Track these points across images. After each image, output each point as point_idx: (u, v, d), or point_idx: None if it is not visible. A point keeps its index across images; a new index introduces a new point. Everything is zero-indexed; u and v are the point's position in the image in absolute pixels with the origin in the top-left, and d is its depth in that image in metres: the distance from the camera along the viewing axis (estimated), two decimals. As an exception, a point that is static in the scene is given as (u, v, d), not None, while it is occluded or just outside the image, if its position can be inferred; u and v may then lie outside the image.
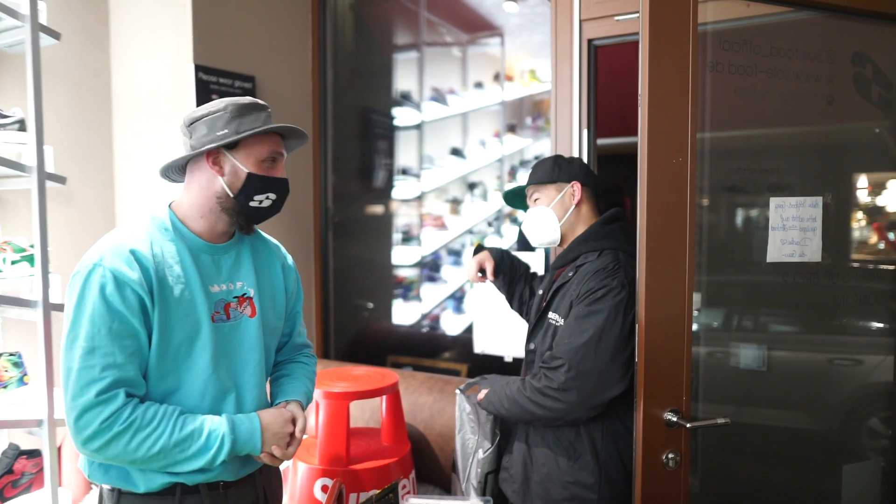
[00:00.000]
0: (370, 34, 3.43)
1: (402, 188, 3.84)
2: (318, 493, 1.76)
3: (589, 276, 1.58)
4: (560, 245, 1.75)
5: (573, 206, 1.70)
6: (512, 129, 3.81)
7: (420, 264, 3.52)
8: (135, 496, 1.26)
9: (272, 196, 1.34)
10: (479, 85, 3.98)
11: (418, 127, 3.83)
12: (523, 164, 3.39)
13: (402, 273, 3.49)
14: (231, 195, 1.31)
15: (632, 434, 1.59)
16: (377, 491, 1.30)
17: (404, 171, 3.90)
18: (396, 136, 3.66)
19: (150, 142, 2.55)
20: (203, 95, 2.41)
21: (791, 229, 1.64)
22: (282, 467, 2.06)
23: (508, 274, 1.97)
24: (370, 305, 3.37)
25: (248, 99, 1.33)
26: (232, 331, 1.34)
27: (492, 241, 3.68)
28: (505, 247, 2.71)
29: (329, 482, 1.75)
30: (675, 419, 1.55)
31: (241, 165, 1.30)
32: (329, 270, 3.18)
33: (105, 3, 2.57)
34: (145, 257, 1.23)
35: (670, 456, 1.56)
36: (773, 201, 1.63)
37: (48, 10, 2.11)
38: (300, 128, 1.37)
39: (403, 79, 3.72)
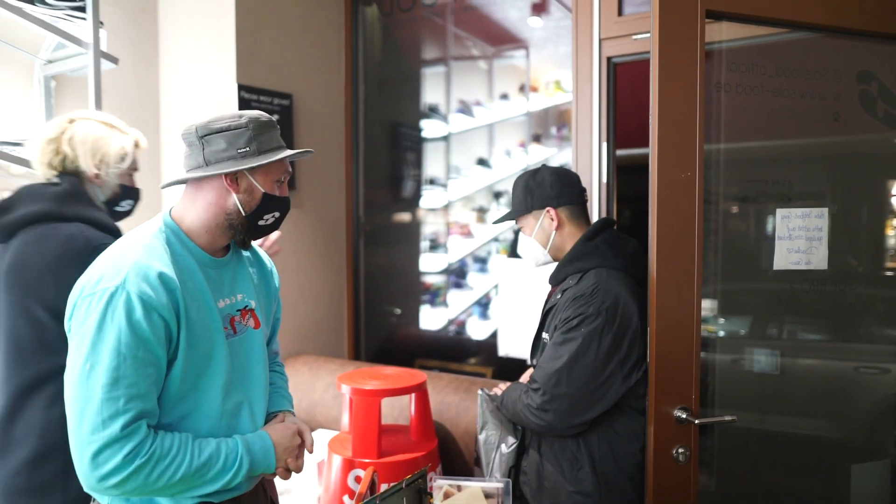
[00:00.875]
0: (399, 50, 3.58)
1: (429, 198, 3.97)
2: (352, 483, 1.90)
3: (568, 303, 1.62)
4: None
5: (554, 231, 1.72)
6: (537, 138, 3.92)
7: (447, 271, 3.64)
8: None
9: (277, 214, 1.34)
10: (504, 96, 4.10)
11: (445, 138, 3.96)
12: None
13: (430, 280, 3.61)
14: (243, 214, 1.28)
15: (625, 438, 1.67)
16: (408, 477, 1.42)
17: (432, 181, 4.03)
18: (424, 147, 3.80)
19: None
20: (245, 113, 2.58)
21: (797, 238, 1.72)
22: (310, 463, 2.20)
23: None
24: (398, 311, 3.50)
25: (265, 116, 1.29)
26: (241, 345, 1.32)
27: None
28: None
29: (361, 473, 1.89)
30: (684, 416, 1.65)
31: (258, 185, 1.28)
32: (360, 277, 3.32)
33: (156, 27, 2.77)
34: (171, 279, 1.18)
35: (680, 451, 1.66)
36: (780, 212, 1.72)
37: (107, 36, 2.31)
38: (312, 150, 1.39)
39: (431, 92, 3.86)
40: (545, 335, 1.70)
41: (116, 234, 1.55)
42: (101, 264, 1.18)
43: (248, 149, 1.23)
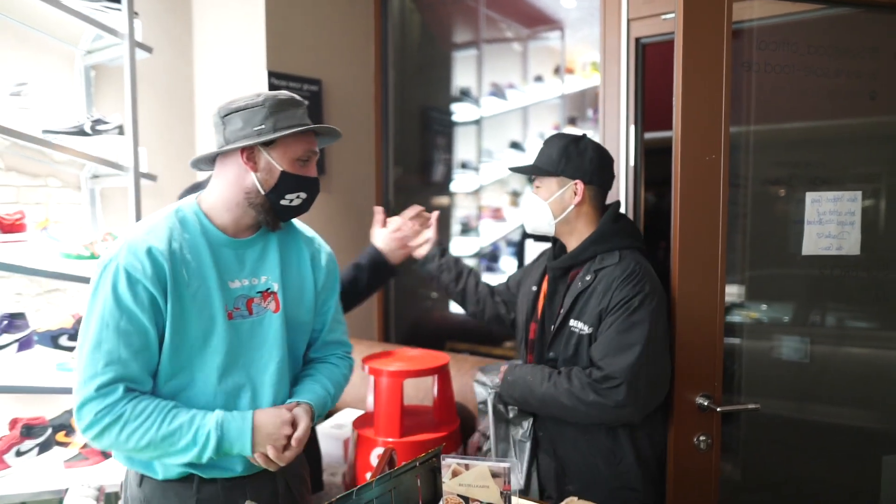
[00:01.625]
0: (430, 34, 3.57)
1: (461, 181, 3.98)
2: (374, 461, 1.95)
3: (617, 284, 1.53)
4: (558, 240, 1.71)
5: (572, 206, 1.62)
6: (573, 121, 3.87)
7: (478, 255, 3.66)
8: (155, 482, 1.28)
9: (303, 195, 1.31)
10: (539, 79, 4.06)
11: (477, 122, 3.95)
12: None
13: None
14: (262, 192, 1.28)
15: (662, 424, 1.64)
16: (422, 455, 1.45)
17: (463, 165, 4.04)
18: (455, 131, 3.80)
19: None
20: (275, 99, 2.62)
21: (828, 223, 1.67)
22: (338, 441, 2.26)
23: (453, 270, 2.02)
24: (434, 295, 3.53)
25: (285, 94, 1.28)
26: (253, 327, 1.31)
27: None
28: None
29: (381, 451, 1.93)
30: (706, 403, 1.63)
31: (276, 163, 1.27)
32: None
33: (189, 16, 2.84)
34: (161, 253, 1.21)
35: (702, 438, 1.64)
36: (809, 196, 1.67)
37: (141, 26, 2.38)
38: (334, 128, 1.35)
39: (463, 75, 3.85)
40: (575, 322, 1.59)
41: None
42: (118, 239, 1.25)
43: (263, 126, 1.23)
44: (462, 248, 3.63)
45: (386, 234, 2.01)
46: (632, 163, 2.39)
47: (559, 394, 1.55)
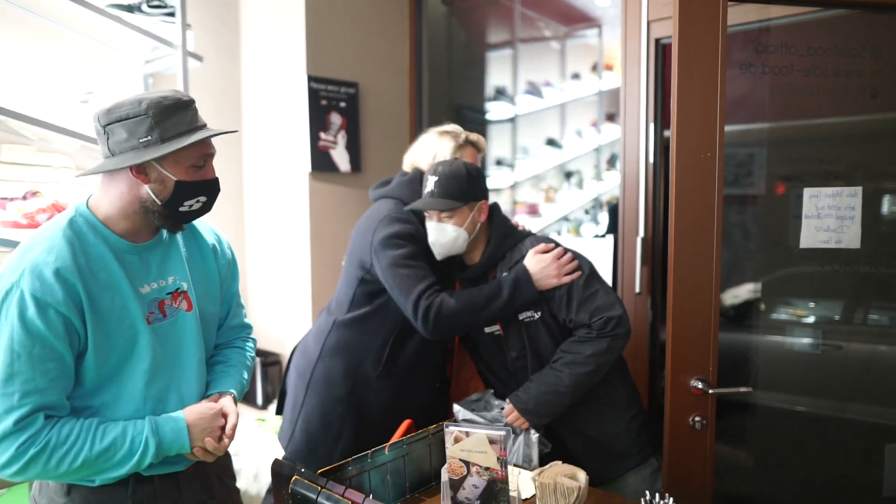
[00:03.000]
0: (464, 35, 3.71)
1: (496, 178, 4.10)
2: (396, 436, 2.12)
3: None
4: (465, 252, 1.85)
5: (480, 223, 1.82)
6: (611, 118, 3.94)
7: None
8: (87, 489, 1.24)
9: (202, 199, 1.26)
10: (576, 76, 4.14)
11: (512, 120, 4.07)
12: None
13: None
14: (159, 203, 1.22)
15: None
16: (433, 427, 1.61)
17: (498, 162, 4.16)
18: (490, 129, 3.93)
19: (271, 142, 3.01)
20: (314, 101, 2.82)
21: (826, 217, 1.74)
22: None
23: None
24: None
25: (170, 96, 1.20)
26: (170, 328, 1.29)
27: (588, 229, 3.87)
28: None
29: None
30: (701, 386, 1.73)
31: (169, 174, 1.20)
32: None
33: (237, 26, 3.07)
34: (70, 272, 1.15)
35: (697, 419, 1.74)
36: (808, 191, 1.74)
37: (194, 37, 2.61)
38: (224, 130, 1.29)
39: (498, 74, 3.96)
40: (525, 314, 1.78)
41: None
42: (6, 262, 1.18)
43: (149, 138, 1.16)
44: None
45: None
46: (651, 159, 2.47)
47: (581, 367, 1.72)
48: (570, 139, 4.28)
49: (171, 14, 2.43)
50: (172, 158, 1.20)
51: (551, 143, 4.30)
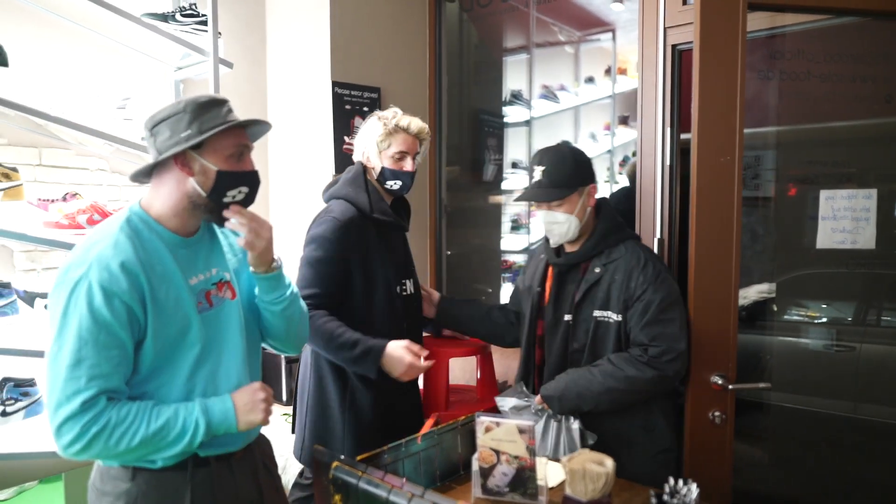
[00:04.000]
0: (481, 41, 3.78)
1: (512, 180, 4.17)
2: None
3: (637, 273, 1.73)
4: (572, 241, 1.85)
5: (590, 208, 1.81)
6: (624, 121, 3.99)
7: (528, 251, 3.84)
8: (150, 473, 1.32)
9: (244, 189, 1.36)
10: (590, 80, 4.19)
11: (527, 123, 4.13)
12: (636, 154, 3.56)
13: (511, 258, 3.83)
14: (203, 194, 1.31)
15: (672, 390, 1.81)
16: (462, 418, 1.67)
17: (514, 165, 4.22)
18: (506, 132, 3.99)
19: (296, 146, 3.09)
20: (338, 106, 2.90)
21: (842, 219, 1.79)
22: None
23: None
24: (488, 290, 3.74)
25: (205, 96, 1.32)
26: (216, 317, 1.37)
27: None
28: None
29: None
30: (721, 382, 1.78)
31: (209, 164, 1.30)
32: (442, 255, 3.59)
33: (263, 33, 3.15)
34: (133, 265, 1.24)
35: (716, 414, 1.80)
36: (823, 193, 1.80)
37: (223, 45, 2.69)
38: (260, 119, 1.38)
39: (514, 79, 4.03)
40: (600, 313, 1.76)
41: None
42: (71, 255, 1.27)
43: (189, 132, 1.27)
44: (512, 244, 3.81)
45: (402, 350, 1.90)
46: (668, 162, 2.53)
47: (615, 383, 1.70)
48: (583, 142, 4.34)
49: (203, 23, 2.51)
50: (211, 148, 1.30)
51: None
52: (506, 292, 3.73)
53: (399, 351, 1.82)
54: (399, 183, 1.95)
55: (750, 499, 2.15)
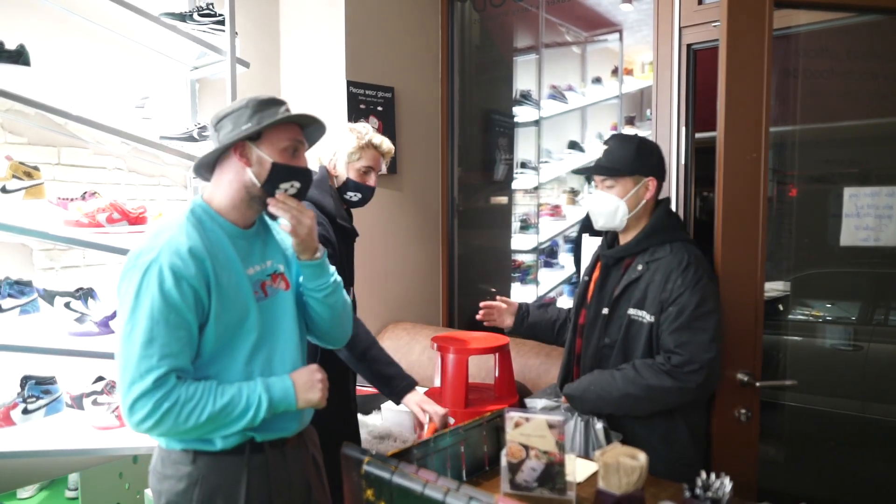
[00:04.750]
0: (492, 42, 3.79)
1: (521, 180, 4.17)
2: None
3: (677, 275, 1.66)
4: (622, 232, 1.82)
5: (644, 201, 1.76)
6: (630, 121, 4.00)
7: (537, 250, 3.84)
8: (210, 455, 1.37)
9: (297, 184, 1.42)
10: (597, 80, 4.20)
11: (536, 123, 4.14)
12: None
13: (521, 258, 3.83)
14: (258, 184, 1.38)
15: (708, 400, 1.77)
16: (488, 414, 1.67)
17: (523, 165, 4.23)
18: (516, 132, 4.00)
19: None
20: (353, 105, 2.90)
21: (865, 216, 1.80)
22: (408, 415, 2.50)
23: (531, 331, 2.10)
24: (493, 290, 3.74)
25: (267, 95, 1.41)
26: (271, 306, 1.43)
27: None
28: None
29: (451, 420, 2.16)
30: (746, 379, 1.78)
31: (265, 156, 1.37)
32: (454, 254, 3.60)
33: (278, 32, 3.16)
34: (200, 251, 1.31)
35: (742, 411, 1.80)
36: (847, 191, 1.80)
37: (239, 44, 2.70)
38: (315, 116, 1.43)
39: (523, 79, 4.04)
40: (634, 311, 1.72)
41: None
42: (142, 241, 1.33)
43: (249, 125, 1.36)
44: (521, 243, 3.82)
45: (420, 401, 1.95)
46: (682, 161, 2.54)
47: (634, 389, 1.66)
48: (591, 142, 4.35)
49: (220, 22, 2.52)
50: (267, 141, 1.38)
51: (573, 146, 4.37)
52: (515, 292, 3.73)
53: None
54: (360, 196, 1.99)
55: (763, 495, 2.15)
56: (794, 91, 1.90)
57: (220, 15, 2.50)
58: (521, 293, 3.73)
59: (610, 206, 1.76)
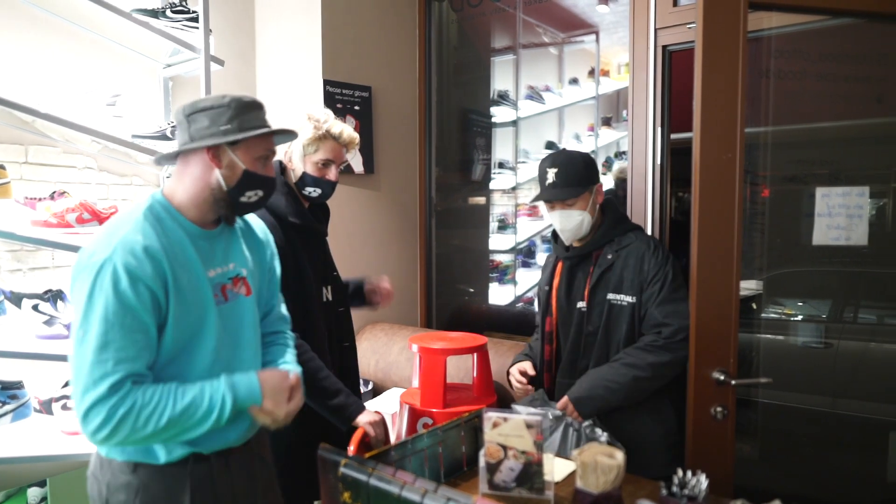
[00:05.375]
0: (470, 42, 3.79)
1: (499, 180, 4.18)
2: (420, 429, 2.17)
3: (649, 256, 1.83)
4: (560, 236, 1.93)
5: (598, 206, 1.91)
6: (607, 122, 4.03)
7: (515, 250, 3.85)
8: (152, 468, 1.31)
9: (260, 193, 1.39)
10: (574, 81, 4.22)
11: (514, 123, 4.15)
12: (618, 155, 3.59)
13: (499, 258, 3.84)
14: (225, 189, 1.34)
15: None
16: (466, 415, 1.67)
17: (501, 165, 4.23)
18: (493, 132, 4.00)
19: (285, 145, 3.06)
20: (330, 105, 2.88)
21: (837, 216, 1.83)
22: (387, 415, 2.49)
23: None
24: (472, 290, 3.74)
25: (249, 97, 1.36)
26: (231, 311, 1.39)
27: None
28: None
29: (429, 420, 2.15)
30: (722, 377, 1.80)
31: (239, 161, 1.33)
32: (432, 254, 3.59)
33: (253, 31, 3.12)
34: (156, 250, 1.24)
35: (718, 409, 1.81)
36: (819, 191, 1.83)
37: (214, 42, 2.66)
38: (292, 129, 1.44)
39: (501, 79, 4.04)
40: (614, 296, 1.84)
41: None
42: (94, 239, 1.26)
43: (229, 126, 1.30)
44: (499, 243, 3.83)
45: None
46: (658, 161, 2.56)
47: (640, 371, 1.76)
48: (568, 143, 4.37)
49: (194, 19, 2.48)
50: (244, 147, 1.35)
51: (550, 146, 4.39)
52: (494, 292, 3.74)
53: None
54: (319, 191, 1.85)
55: (739, 492, 2.17)
56: (767, 93, 1.93)
57: (194, 12, 2.46)
58: (499, 293, 3.73)
59: (576, 220, 1.87)
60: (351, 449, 1.69)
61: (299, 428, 1.74)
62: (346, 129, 1.85)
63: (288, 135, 1.44)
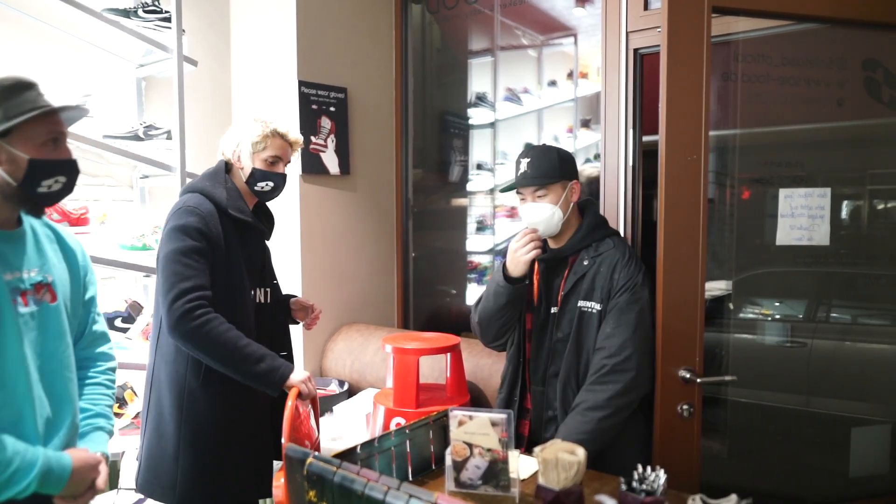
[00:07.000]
0: (447, 43, 3.81)
1: (477, 182, 4.20)
2: (393, 428, 2.18)
3: (621, 266, 1.80)
4: (555, 236, 1.90)
5: (572, 203, 1.87)
6: (586, 123, 4.07)
7: (493, 251, 3.87)
8: None
9: (61, 179, 1.27)
10: (552, 83, 4.25)
11: (492, 125, 4.17)
12: (597, 157, 3.61)
13: (477, 259, 3.85)
14: (14, 184, 1.22)
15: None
16: (434, 414, 1.68)
17: (479, 166, 4.25)
18: (471, 134, 4.02)
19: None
20: (305, 106, 2.88)
21: (799, 216, 1.87)
22: (361, 416, 2.49)
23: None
24: (453, 291, 3.76)
25: (11, 78, 1.22)
26: (32, 319, 1.28)
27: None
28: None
29: (402, 420, 2.16)
30: (688, 376, 1.83)
31: (19, 153, 1.20)
32: (409, 255, 3.60)
33: (228, 31, 3.11)
34: None
35: (685, 407, 1.85)
36: (782, 192, 1.87)
37: (187, 42, 2.65)
38: (74, 105, 1.30)
39: (479, 81, 4.06)
40: (585, 303, 1.82)
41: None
42: None
43: None
44: (477, 244, 3.84)
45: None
46: (630, 163, 2.59)
47: (602, 412, 1.73)
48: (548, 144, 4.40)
49: (167, 19, 2.47)
50: (20, 136, 1.21)
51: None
52: (472, 293, 3.75)
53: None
54: (271, 184, 1.87)
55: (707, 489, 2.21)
56: (735, 96, 1.97)
57: (167, 11, 2.45)
58: (478, 294, 3.72)
59: (546, 213, 1.83)
60: (286, 425, 1.65)
61: (226, 407, 1.79)
62: (293, 129, 1.91)
63: (72, 110, 1.30)
